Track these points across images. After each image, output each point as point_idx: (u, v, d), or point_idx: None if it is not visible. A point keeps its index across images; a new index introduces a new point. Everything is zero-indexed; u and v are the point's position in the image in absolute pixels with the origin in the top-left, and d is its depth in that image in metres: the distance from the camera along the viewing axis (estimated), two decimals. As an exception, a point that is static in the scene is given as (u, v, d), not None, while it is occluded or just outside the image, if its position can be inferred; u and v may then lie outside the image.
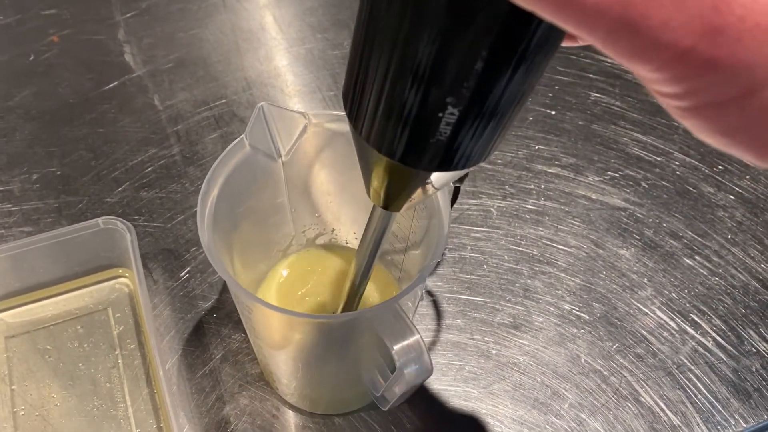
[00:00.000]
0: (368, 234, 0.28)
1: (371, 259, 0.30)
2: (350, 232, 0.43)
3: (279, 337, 0.34)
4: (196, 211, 0.49)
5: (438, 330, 0.44)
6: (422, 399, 0.41)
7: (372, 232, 0.28)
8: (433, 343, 0.44)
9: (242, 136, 0.34)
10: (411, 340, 0.29)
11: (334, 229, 0.43)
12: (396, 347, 0.28)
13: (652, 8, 0.12)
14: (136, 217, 0.49)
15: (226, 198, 0.34)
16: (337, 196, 0.40)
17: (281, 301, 0.41)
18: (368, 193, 0.25)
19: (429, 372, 0.29)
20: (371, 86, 0.19)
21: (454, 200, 0.37)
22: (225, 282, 0.45)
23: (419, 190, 0.23)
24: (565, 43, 0.19)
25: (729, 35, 0.13)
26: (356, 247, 0.43)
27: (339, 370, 0.37)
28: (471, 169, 0.21)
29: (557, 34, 0.17)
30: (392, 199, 0.24)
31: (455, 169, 0.21)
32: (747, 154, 0.15)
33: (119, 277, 0.46)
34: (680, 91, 0.14)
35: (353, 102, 0.21)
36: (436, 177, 0.21)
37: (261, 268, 0.42)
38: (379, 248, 0.29)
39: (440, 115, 0.18)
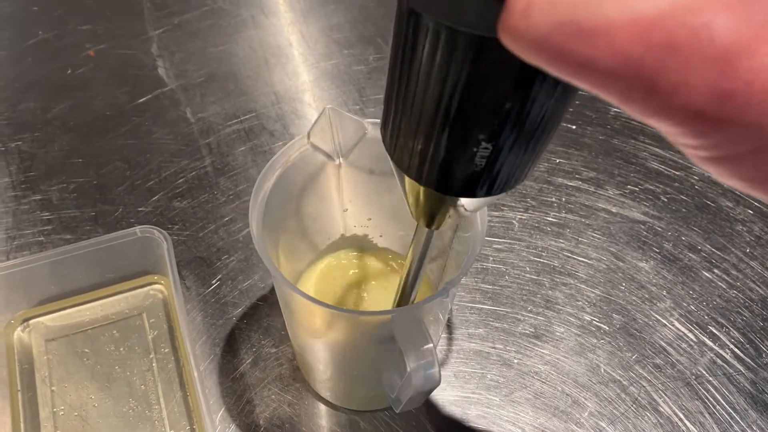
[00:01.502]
0: (412, 250, 0.30)
1: (417, 272, 0.31)
2: (396, 236, 0.44)
3: (314, 328, 0.36)
4: (227, 220, 0.51)
5: (461, 339, 0.45)
6: (445, 405, 0.42)
7: (416, 246, 0.29)
8: (456, 352, 0.45)
9: (302, 135, 0.36)
10: (423, 348, 0.29)
11: (381, 234, 0.45)
12: (408, 352, 0.29)
13: (663, 72, 0.13)
14: (169, 226, 0.51)
15: (280, 191, 0.35)
16: (387, 202, 0.42)
17: (320, 294, 0.43)
18: (411, 213, 0.26)
19: (436, 382, 0.30)
20: (406, 125, 0.21)
21: None
22: (256, 288, 0.47)
23: (456, 212, 0.24)
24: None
25: (737, 99, 0.13)
26: (399, 251, 0.45)
27: (368, 366, 0.38)
28: (505, 193, 0.23)
29: None
30: (431, 220, 0.26)
31: (489, 195, 0.22)
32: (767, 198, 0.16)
33: (154, 283, 0.47)
34: (697, 144, 0.15)
35: (391, 136, 0.22)
36: (471, 201, 0.23)
37: (304, 262, 0.44)
38: (424, 262, 0.30)
39: (474, 150, 0.20)
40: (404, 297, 0.33)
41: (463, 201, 0.23)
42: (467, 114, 0.19)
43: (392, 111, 0.22)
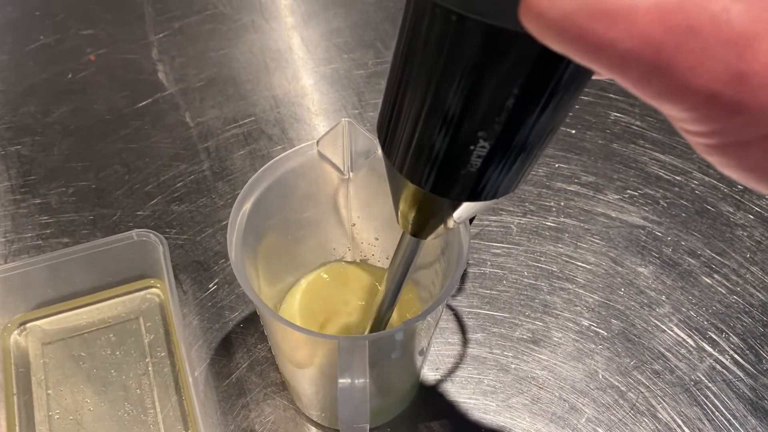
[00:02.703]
0: (397, 259, 0.29)
1: (399, 284, 0.31)
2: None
3: (294, 351, 0.35)
4: (225, 225, 0.51)
5: (458, 344, 0.45)
6: (442, 411, 0.42)
7: (400, 257, 0.29)
8: (453, 357, 0.45)
9: (309, 143, 0.36)
10: (357, 382, 0.29)
11: (388, 257, 0.44)
12: (341, 381, 0.29)
13: (681, 54, 0.13)
14: (167, 230, 0.51)
15: (277, 196, 0.35)
16: (396, 224, 0.42)
17: (304, 313, 0.42)
18: (398, 220, 0.26)
19: (348, 420, 0.29)
20: (405, 120, 0.20)
21: (471, 219, 0.38)
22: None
23: (447, 220, 0.24)
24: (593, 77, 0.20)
25: (754, 82, 0.13)
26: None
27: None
28: (498, 200, 0.22)
29: (587, 72, 0.18)
30: (421, 227, 0.25)
31: (484, 199, 0.21)
32: None
33: (150, 287, 0.47)
34: (706, 130, 0.15)
35: (387, 133, 0.22)
36: (464, 207, 0.22)
37: (300, 273, 0.44)
38: (407, 274, 0.30)
39: (472, 148, 0.19)
40: (381, 311, 0.33)
41: (453, 205, 0.22)
42: (469, 107, 0.18)
43: (392, 105, 0.21)
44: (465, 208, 0.22)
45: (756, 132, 0.14)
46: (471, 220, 0.37)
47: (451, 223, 0.24)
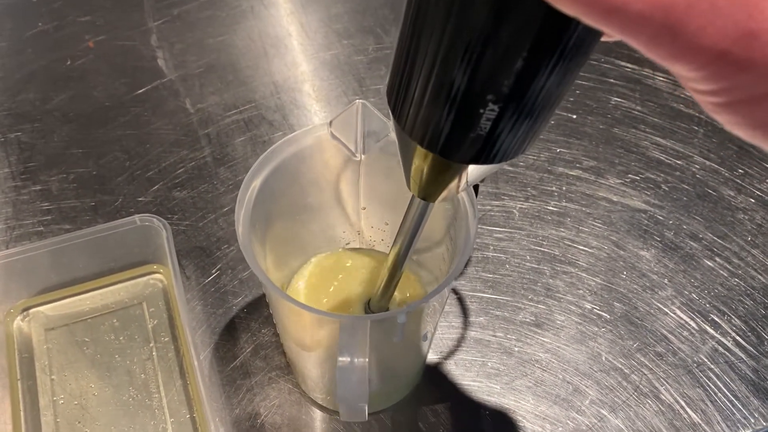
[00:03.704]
0: (405, 224, 0.29)
1: (407, 250, 0.31)
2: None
3: (300, 332, 0.35)
4: (227, 210, 0.51)
5: (462, 327, 0.45)
6: (446, 394, 0.42)
7: (409, 221, 0.29)
8: (457, 340, 0.45)
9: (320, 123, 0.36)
10: (356, 361, 0.29)
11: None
12: (341, 359, 0.29)
13: (691, 14, 0.14)
14: (169, 216, 0.51)
15: (284, 177, 0.35)
16: (400, 205, 0.41)
17: (310, 296, 0.42)
18: (408, 184, 0.26)
19: (347, 399, 0.29)
20: (415, 83, 0.21)
21: (477, 187, 0.37)
22: (256, 278, 0.47)
23: (455, 182, 0.24)
24: (602, 38, 0.20)
25: (763, 39, 0.14)
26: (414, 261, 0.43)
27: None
28: (506, 163, 0.23)
29: (595, 35, 0.18)
30: (430, 191, 0.25)
31: (492, 162, 0.22)
32: None
33: (153, 273, 0.47)
34: (716, 88, 0.15)
35: (398, 97, 0.22)
36: (472, 170, 0.23)
37: (307, 255, 0.44)
38: (415, 239, 0.30)
39: (481, 111, 0.19)
40: (389, 279, 0.33)
41: (462, 167, 0.23)
42: (478, 70, 0.19)
43: (402, 69, 0.21)
44: (474, 171, 0.23)
45: (764, 88, 0.15)
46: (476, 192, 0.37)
47: (460, 186, 0.24)
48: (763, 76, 0.14)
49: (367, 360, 0.29)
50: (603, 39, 0.20)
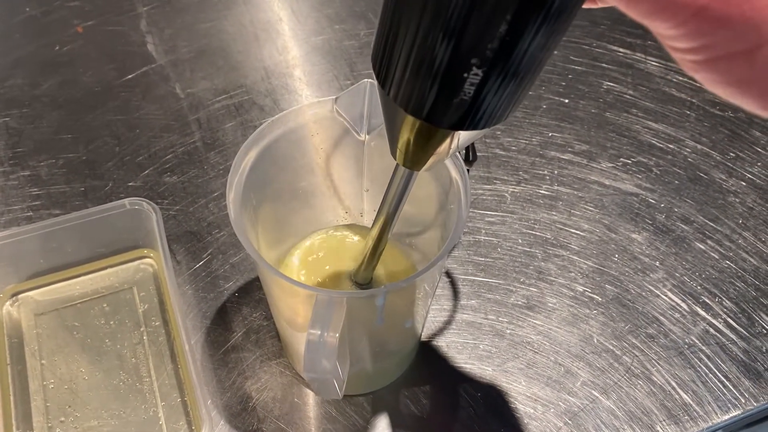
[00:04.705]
0: (390, 193, 0.29)
1: (391, 219, 0.30)
2: (413, 232, 0.43)
3: (291, 310, 0.35)
4: (217, 195, 0.50)
5: (453, 310, 0.45)
6: (438, 376, 0.42)
7: (394, 190, 0.29)
8: (448, 323, 0.45)
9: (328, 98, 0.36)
10: (326, 335, 0.28)
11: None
12: (311, 331, 0.29)
13: None
14: (159, 201, 0.51)
15: (282, 154, 0.35)
16: (413, 194, 0.41)
17: (305, 271, 0.42)
18: (392, 152, 0.26)
19: (314, 373, 0.29)
20: (400, 49, 0.21)
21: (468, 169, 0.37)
22: (247, 262, 0.47)
23: (440, 149, 0.24)
24: (585, 5, 0.20)
25: None
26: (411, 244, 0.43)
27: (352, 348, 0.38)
28: (491, 128, 0.23)
29: None
30: (415, 158, 0.25)
31: (477, 128, 0.22)
32: (753, 104, 0.16)
33: (144, 257, 0.47)
34: (695, 45, 0.15)
35: (382, 63, 0.22)
36: (457, 136, 0.23)
37: (304, 233, 0.43)
38: (399, 209, 0.30)
39: (465, 75, 0.20)
40: (372, 249, 0.33)
41: (446, 134, 0.23)
42: (462, 34, 0.19)
43: (386, 34, 0.21)
44: (459, 137, 0.22)
45: (740, 45, 0.15)
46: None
47: (447, 153, 0.24)
48: (740, 32, 0.14)
49: (337, 335, 0.29)
50: (586, 5, 0.20)
